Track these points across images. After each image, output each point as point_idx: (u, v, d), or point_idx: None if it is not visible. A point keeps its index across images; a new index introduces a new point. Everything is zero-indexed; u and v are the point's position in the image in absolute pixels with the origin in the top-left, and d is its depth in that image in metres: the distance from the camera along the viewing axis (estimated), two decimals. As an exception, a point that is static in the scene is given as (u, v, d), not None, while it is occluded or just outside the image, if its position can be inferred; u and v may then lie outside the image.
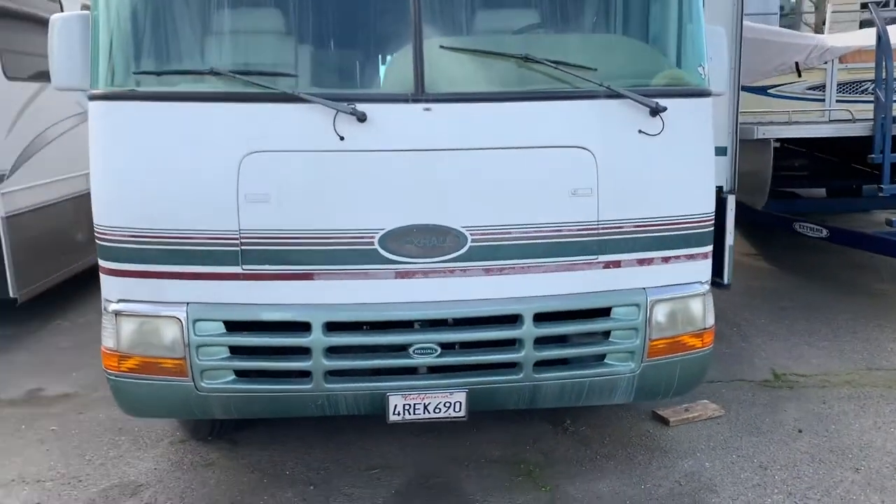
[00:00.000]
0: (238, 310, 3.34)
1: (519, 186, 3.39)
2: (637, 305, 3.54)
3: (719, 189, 6.00)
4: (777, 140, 7.85)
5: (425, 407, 3.47)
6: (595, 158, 3.42)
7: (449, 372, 3.47)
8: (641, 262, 3.56)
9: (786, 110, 6.91)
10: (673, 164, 3.57)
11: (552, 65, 3.37)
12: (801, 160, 8.71)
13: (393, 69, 3.40)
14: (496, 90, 3.41)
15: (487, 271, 3.40)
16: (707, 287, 3.72)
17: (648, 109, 3.44)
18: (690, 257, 3.65)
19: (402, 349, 3.40)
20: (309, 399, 3.41)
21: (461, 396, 3.44)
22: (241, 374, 3.40)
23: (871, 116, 6.35)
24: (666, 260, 3.60)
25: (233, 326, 3.35)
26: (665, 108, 3.44)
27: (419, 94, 3.28)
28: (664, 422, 4.53)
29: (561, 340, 3.57)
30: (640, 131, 3.47)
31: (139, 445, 4.41)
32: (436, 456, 4.20)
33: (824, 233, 7.16)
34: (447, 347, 3.43)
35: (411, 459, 4.16)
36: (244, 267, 3.29)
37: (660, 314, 3.58)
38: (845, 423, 4.51)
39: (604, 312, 3.55)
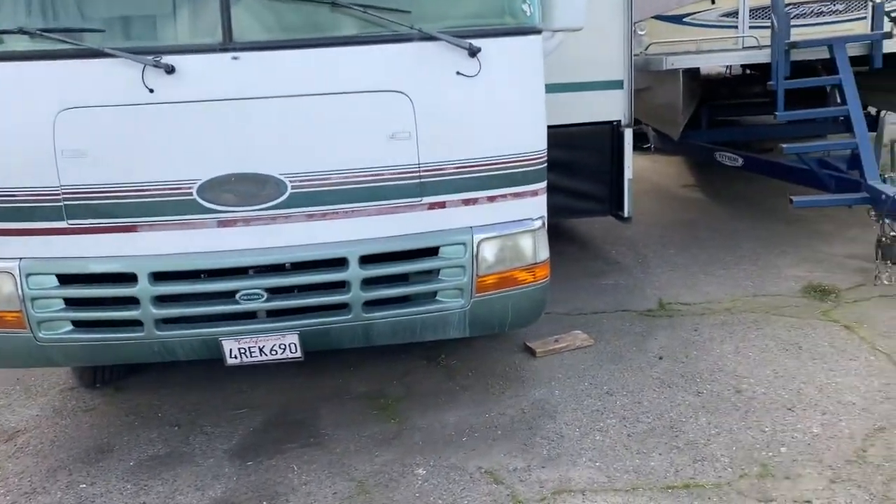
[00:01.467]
0: (68, 263, 3.46)
1: (336, 132, 3.46)
2: (463, 244, 3.64)
3: (617, 123, 6.04)
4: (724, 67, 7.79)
5: (261, 349, 3.62)
6: (412, 102, 3.47)
7: (281, 315, 3.61)
8: (467, 202, 3.64)
9: (697, 38, 6.85)
10: (495, 104, 3.61)
11: (360, 9, 3.40)
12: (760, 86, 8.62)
13: (200, 19, 3.43)
14: (306, 37, 3.44)
15: (310, 217, 3.50)
16: (539, 223, 3.80)
17: (466, 51, 3.48)
18: (518, 195, 3.73)
19: (230, 295, 3.53)
20: (145, 346, 3.57)
21: (294, 338, 3.59)
22: (79, 325, 3.54)
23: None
24: (492, 199, 3.68)
25: (66, 279, 3.49)
26: (479, 49, 3.48)
27: (227, 43, 3.33)
28: (532, 353, 4.69)
29: (396, 280, 3.69)
30: (458, 73, 3.52)
31: (30, 395, 4.61)
32: (303, 394, 4.38)
33: (739, 161, 7.19)
34: (276, 292, 3.56)
35: (279, 399, 4.35)
36: (69, 222, 3.41)
37: (487, 251, 3.68)
38: (707, 349, 4.65)
39: (432, 252, 3.66)
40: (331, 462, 3.68)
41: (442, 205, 3.62)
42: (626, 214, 6.15)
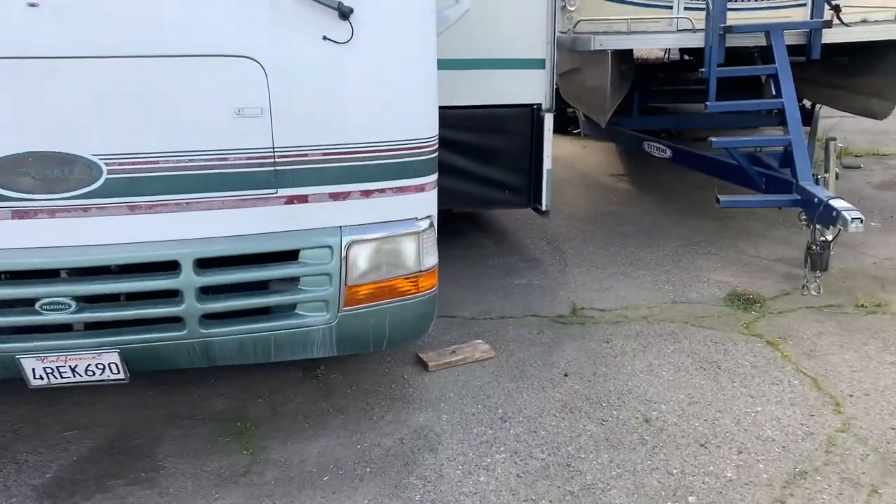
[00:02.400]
0: None
1: (166, 105, 2.78)
2: (329, 247, 3.02)
3: (537, 107, 5.49)
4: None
5: (73, 369, 2.94)
6: (265, 71, 2.81)
7: (97, 330, 2.94)
8: (335, 196, 3.02)
9: (629, 18, 6.31)
10: (372, 79, 2.99)
11: (198, -48, 2.72)
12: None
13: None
14: (128, -17, 2.75)
15: (133, 209, 2.82)
16: (425, 224, 3.21)
17: (336, 11, 2.84)
18: (400, 190, 3.12)
19: (29, 304, 2.84)
20: (-78, 362, 2.86)
21: (114, 357, 2.92)
22: None
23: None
24: (367, 194, 3.07)
25: None
26: (351, 10, 2.84)
27: (21, -16, 2.61)
28: (424, 366, 4.12)
29: (243, 289, 3.05)
30: (325, 38, 2.87)
31: None
32: (150, 412, 3.71)
33: (667, 153, 6.74)
34: (89, 301, 2.89)
35: (120, 417, 3.67)
36: None
37: (359, 257, 3.08)
38: (618, 365, 4.16)
39: (289, 256, 3.03)
40: (158, 507, 3.04)
41: (303, 199, 2.98)
42: (543, 207, 5.62)
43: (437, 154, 3.31)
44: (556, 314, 4.86)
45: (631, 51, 7.29)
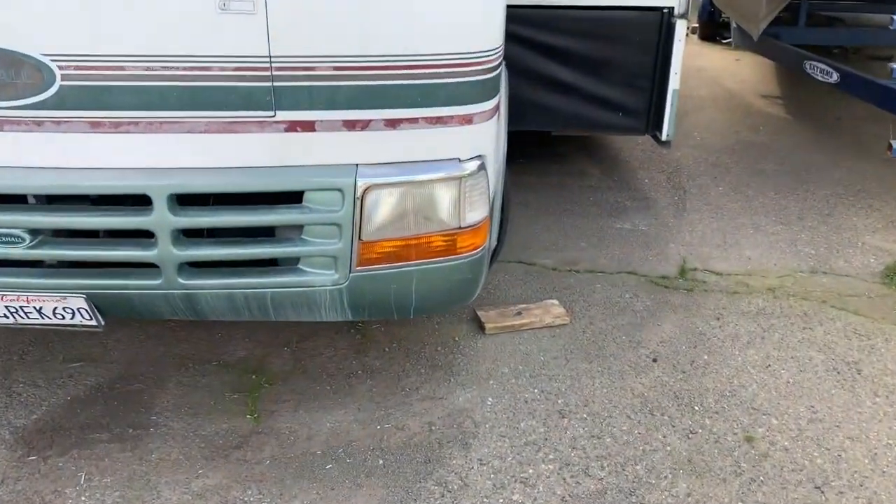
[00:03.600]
0: None
1: (132, -6, 2.13)
2: (339, 191, 2.33)
3: (668, 11, 4.45)
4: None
5: (38, 311, 2.47)
6: (259, -52, 2.09)
7: (58, 269, 2.46)
8: (351, 124, 2.30)
9: None
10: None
11: None
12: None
13: None
14: None
15: (95, 126, 2.23)
16: (472, 167, 2.44)
17: None
18: (437, 121, 2.36)
19: (-23, 232, 2.37)
20: None
21: (80, 302, 2.43)
22: None
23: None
24: (393, 123, 2.32)
25: None
26: None
27: None
28: (482, 327, 3.45)
29: (231, 234, 2.46)
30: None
31: None
32: (165, 351, 3.28)
33: (834, 77, 5.44)
34: (47, 235, 2.39)
35: (131, 354, 3.26)
36: None
37: (378, 204, 2.37)
38: (725, 353, 3.31)
39: (289, 198, 2.38)
40: (131, 478, 2.60)
41: (309, 126, 2.29)
42: (664, 136, 4.66)
43: (498, 73, 2.50)
44: (658, 273, 4.00)
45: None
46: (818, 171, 5.41)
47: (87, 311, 2.46)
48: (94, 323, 2.50)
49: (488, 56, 2.39)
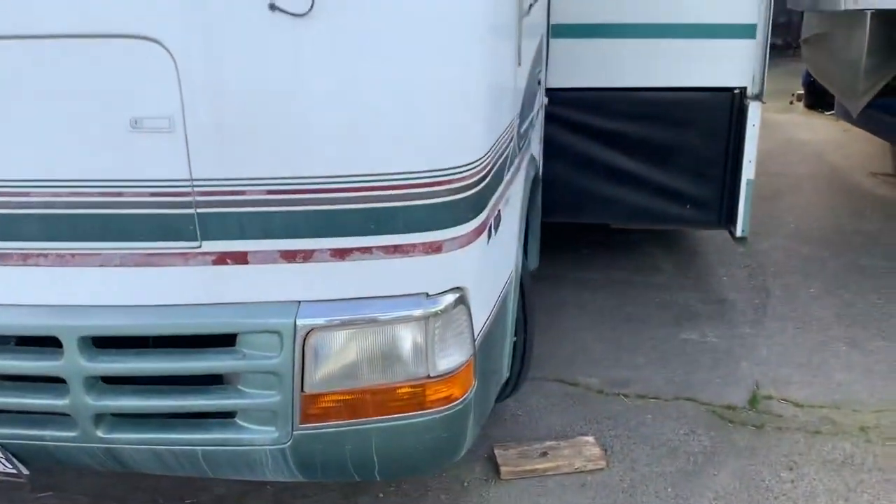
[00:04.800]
0: None
1: (33, 111, 1.85)
2: (277, 332, 1.94)
3: (740, 92, 3.93)
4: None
5: (-43, 457, 2.21)
6: (174, 60, 1.76)
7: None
8: (290, 255, 1.92)
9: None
10: (354, 70, 1.82)
11: None
12: None
13: None
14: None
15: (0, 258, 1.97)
16: (445, 303, 2.00)
17: (285, -37, 1.71)
18: (395, 250, 1.93)
19: None
20: None
21: (-4, 450, 2.14)
22: None
23: None
24: (341, 254, 1.92)
25: None
26: (303, -42, 1.69)
27: None
28: (496, 470, 2.92)
29: (155, 382, 2.09)
30: (273, 7, 1.76)
31: None
32: (136, 485, 2.94)
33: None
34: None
35: (102, 485, 2.93)
36: None
37: (324, 349, 1.96)
38: (797, 521, 2.64)
39: (220, 341, 2.00)
40: None
41: (240, 257, 1.92)
42: (738, 232, 4.08)
43: (481, 189, 2.06)
44: (724, 402, 3.35)
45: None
46: (935, 268, 4.60)
47: (6, 460, 2.16)
48: (14, 471, 2.19)
49: (462, 172, 1.96)
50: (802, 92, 9.35)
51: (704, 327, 4.03)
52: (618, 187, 4.15)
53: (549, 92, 3.99)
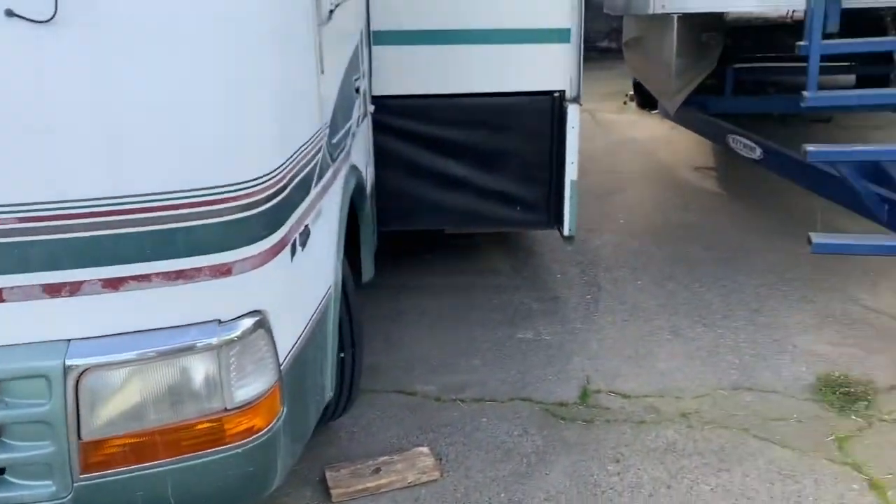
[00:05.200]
0: None
1: None
2: (44, 376, 1.75)
3: (559, 95, 4.01)
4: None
5: None
6: None
7: None
8: (53, 289, 1.73)
9: (706, -30, 4.62)
10: (113, 81, 1.66)
11: None
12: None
13: None
14: None
15: None
16: (241, 330, 1.87)
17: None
18: (178, 276, 1.79)
19: None
20: None
21: None
22: None
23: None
24: (114, 284, 1.76)
25: None
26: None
27: None
28: (327, 494, 2.82)
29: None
30: (10, 13, 1.57)
31: None
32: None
33: (758, 152, 5.02)
34: None
35: None
36: None
37: (103, 391, 1.79)
38: (621, 514, 2.71)
39: (-20, 389, 1.78)
40: None
41: (-6, 295, 1.72)
42: (565, 231, 4.17)
43: (278, 203, 1.94)
44: (556, 399, 3.41)
45: (721, 14, 5.55)
46: (750, 255, 4.91)
47: None
48: None
49: (250, 188, 1.84)
50: (633, 93, 9.83)
51: (539, 326, 4.10)
52: (449, 193, 4.14)
53: (376, 100, 3.94)
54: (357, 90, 3.34)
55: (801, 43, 3.88)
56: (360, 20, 3.53)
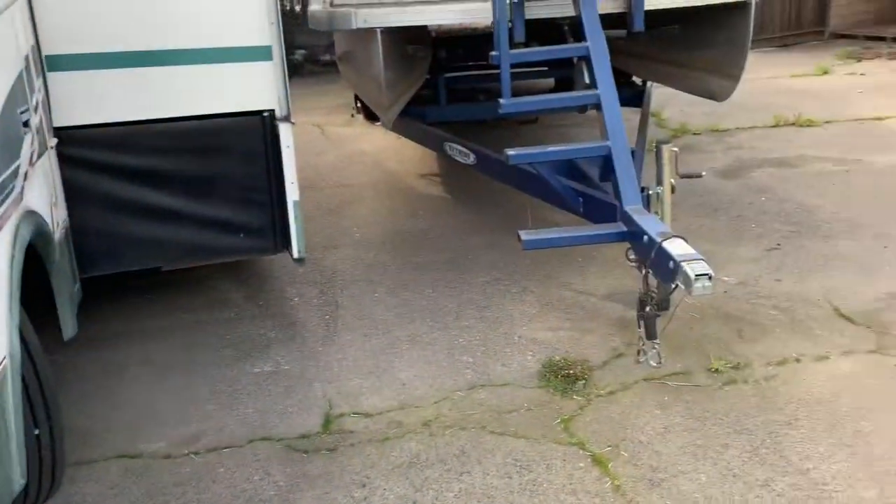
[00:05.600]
0: None
1: None
2: None
3: (269, 115, 3.87)
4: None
5: None
6: None
7: None
8: None
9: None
10: None
11: None
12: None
13: None
14: None
15: None
16: None
17: None
18: None
19: None
20: None
21: None
22: None
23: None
24: None
25: None
26: None
27: None
28: None
29: None
30: None
31: None
32: None
33: (471, 158, 5.28)
34: None
35: None
36: None
37: None
38: (370, 540, 2.66)
39: None
40: None
41: None
42: (295, 254, 4.04)
43: None
44: (298, 432, 3.27)
45: (423, 26, 5.75)
46: (474, 254, 5.14)
47: None
48: None
49: None
50: (360, 106, 9.94)
51: (277, 356, 3.93)
52: (162, 227, 3.82)
53: (60, 132, 3.51)
54: (26, 124, 2.93)
55: (493, 53, 4.13)
56: (22, 45, 3.10)
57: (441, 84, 6.53)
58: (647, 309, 3.38)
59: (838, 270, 4.58)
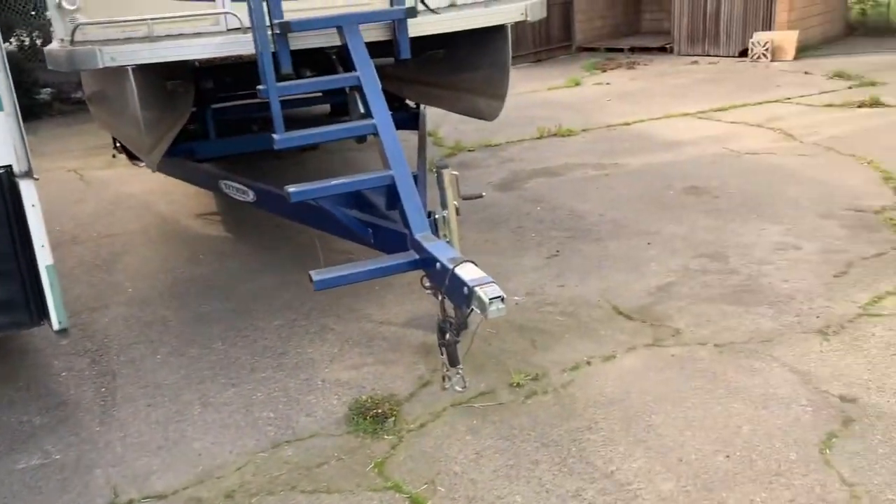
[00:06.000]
0: None
1: None
2: None
3: (6, 170, 3.38)
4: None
5: None
6: None
7: None
8: None
9: (150, 18, 4.40)
10: None
11: None
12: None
13: None
14: None
15: None
16: None
17: None
18: None
19: None
20: None
21: None
22: None
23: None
24: None
25: None
26: None
27: None
28: None
29: None
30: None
31: None
32: None
33: (250, 195, 5.01)
34: None
35: None
36: None
37: None
38: None
39: None
40: None
41: None
42: (56, 326, 3.56)
43: None
44: (79, 532, 2.87)
45: (184, 61, 5.37)
46: (266, 297, 4.88)
47: None
48: None
49: None
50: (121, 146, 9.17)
51: (47, 444, 3.43)
52: None
53: None
54: None
55: (260, 87, 3.93)
56: None
57: (209, 116, 6.14)
58: (448, 336, 3.37)
59: (611, 270, 4.91)
